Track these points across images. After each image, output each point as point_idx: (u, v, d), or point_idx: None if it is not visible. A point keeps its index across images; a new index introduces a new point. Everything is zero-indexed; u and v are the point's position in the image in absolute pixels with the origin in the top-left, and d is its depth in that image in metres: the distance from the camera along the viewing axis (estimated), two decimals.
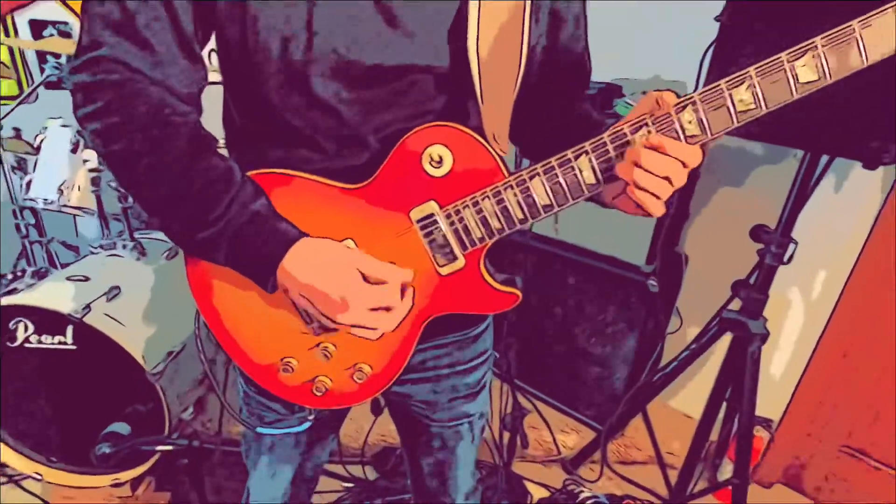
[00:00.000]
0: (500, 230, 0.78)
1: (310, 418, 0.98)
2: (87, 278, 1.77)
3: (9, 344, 1.63)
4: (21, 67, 2.64)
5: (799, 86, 0.66)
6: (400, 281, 0.78)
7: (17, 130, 2.33)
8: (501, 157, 0.78)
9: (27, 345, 1.63)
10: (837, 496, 1.99)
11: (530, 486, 1.97)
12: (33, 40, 2.50)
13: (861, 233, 1.77)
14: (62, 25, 2.50)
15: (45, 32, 2.51)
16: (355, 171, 0.79)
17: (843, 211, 1.79)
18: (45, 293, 1.68)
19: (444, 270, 0.81)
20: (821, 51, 0.64)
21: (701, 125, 0.69)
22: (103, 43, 0.69)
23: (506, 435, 1.96)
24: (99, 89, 0.70)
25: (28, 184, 2.04)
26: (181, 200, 0.73)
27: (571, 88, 0.95)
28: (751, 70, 0.67)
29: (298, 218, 0.78)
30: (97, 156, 1.87)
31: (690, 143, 0.70)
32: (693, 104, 0.68)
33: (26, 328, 1.63)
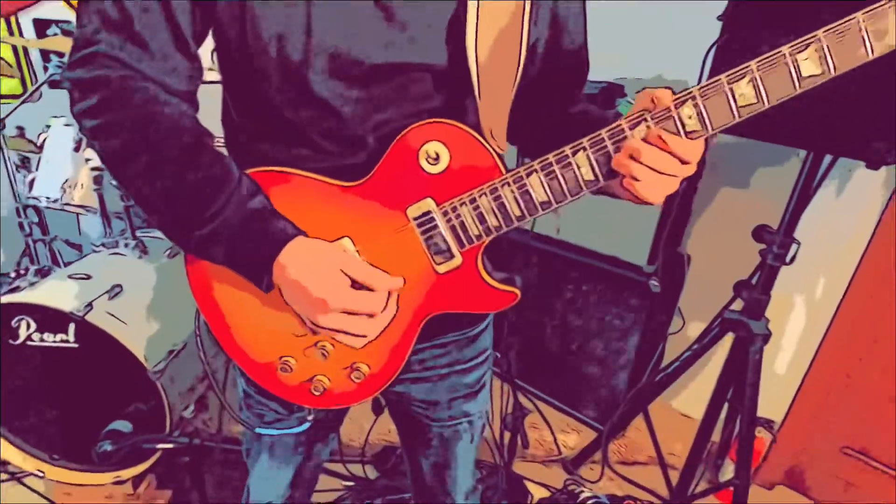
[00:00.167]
0: (498, 227, 0.78)
1: (309, 418, 0.98)
2: (89, 276, 1.77)
3: (11, 342, 1.64)
4: (25, 66, 2.65)
5: (802, 80, 0.65)
6: (387, 289, 0.77)
7: (21, 129, 2.35)
8: (499, 155, 0.78)
9: (29, 343, 1.64)
10: (839, 497, 1.97)
11: (531, 486, 1.96)
12: (37, 39, 2.51)
13: (864, 233, 1.76)
14: (66, 24, 2.50)
15: (49, 31, 2.52)
16: (354, 170, 0.79)
17: (846, 211, 1.78)
18: (48, 291, 1.69)
19: (442, 268, 0.80)
20: (824, 43, 0.63)
21: (701, 120, 0.68)
22: (99, 40, 0.69)
23: (506, 435, 1.95)
24: (94, 86, 0.70)
25: (31, 182, 2.05)
26: (177, 198, 0.73)
27: (569, 87, 0.94)
28: (752, 64, 0.65)
29: (296, 216, 0.78)
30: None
31: (691, 139, 0.69)
32: (693, 99, 0.68)
33: (28, 326, 1.63)
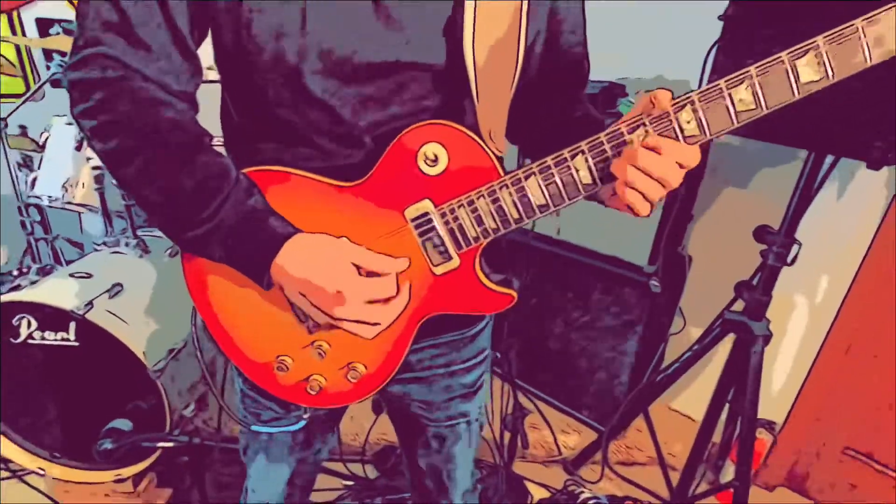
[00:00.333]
0: (496, 230, 0.78)
1: (305, 417, 0.98)
2: (90, 275, 1.78)
3: (12, 340, 1.64)
4: (28, 65, 2.65)
5: (801, 86, 0.65)
6: (396, 271, 0.78)
7: (23, 128, 2.35)
8: (497, 157, 0.77)
9: (30, 341, 1.65)
10: (841, 499, 1.97)
11: (531, 487, 1.96)
12: (40, 38, 2.51)
13: (866, 234, 1.76)
14: (68, 23, 2.51)
15: (52, 30, 2.53)
16: (351, 169, 0.79)
17: (848, 212, 1.77)
18: (48, 290, 1.70)
19: (439, 270, 0.80)
20: (823, 50, 0.63)
21: (700, 125, 0.68)
22: (99, 40, 0.70)
23: (506, 435, 1.95)
24: (94, 86, 0.70)
25: (33, 181, 2.05)
26: (175, 197, 0.73)
27: (569, 87, 0.94)
28: (751, 69, 0.65)
29: (294, 215, 0.78)
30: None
31: (689, 143, 0.69)
32: (692, 104, 0.67)
33: (29, 324, 1.64)
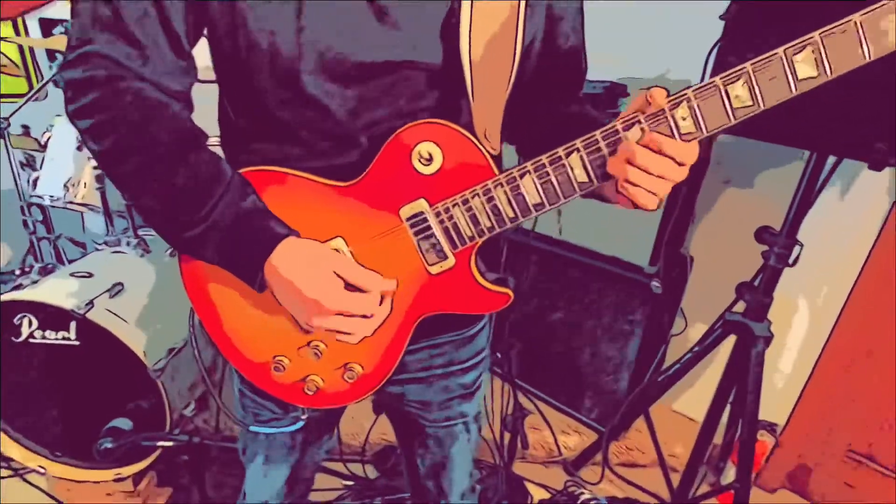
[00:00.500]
0: (491, 229, 0.77)
1: (303, 417, 0.98)
2: (91, 275, 1.78)
3: (13, 339, 1.65)
4: (31, 66, 2.67)
5: (798, 82, 0.64)
6: (380, 290, 0.78)
7: (26, 128, 2.36)
8: (492, 156, 0.77)
9: (31, 340, 1.65)
10: (842, 501, 1.96)
11: (531, 487, 1.96)
12: (43, 38, 2.52)
13: (868, 235, 1.75)
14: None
15: (55, 31, 2.53)
16: (347, 169, 0.79)
17: (850, 213, 1.76)
18: (49, 289, 1.70)
19: (434, 269, 0.80)
20: (820, 45, 0.62)
21: (696, 122, 0.68)
22: (93, 39, 0.70)
23: (506, 435, 1.95)
24: (88, 86, 0.70)
25: (35, 181, 2.06)
26: (169, 198, 0.73)
27: (567, 86, 0.94)
28: (747, 65, 0.65)
29: (290, 215, 0.78)
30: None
31: (685, 140, 0.68)
32: (687, 101, 0.67)
33: (30, 323, 1.64)
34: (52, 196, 2.04)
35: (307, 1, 0.70)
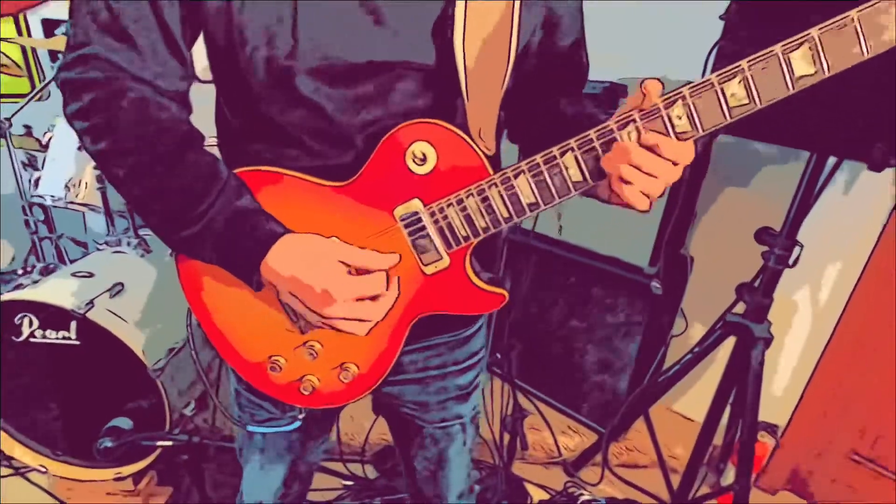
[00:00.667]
0: (486, 229, 0.77)
1: (299, 417, 0.98)
2: (92, 274, 1.79)
3: (14, 339, 1.65)
4: (33, 66, 2.68)
5: (795, 80, 0.63)
6: (384, 267, 0.78)
7: (28, 128, 2.37)
8: (487, 155, 0.77)
9: (32, 340, 1.66)
10: (843, 502, 1.95)
11: (530, 488, 1.96)
12: (45, 39, 2.53)
13: (869, 236, 1.74)
14: None
15: (57, 31, 2.54)
16: (342, 169, 0.79)
17: (851, 214, 1.75)
18: (50, 289, 1.71)
19: (429, 269, 0.80)
20: (817, 42, 0.61)
21: (691, 121, 0.67)
22: (90, 41, 0.70)
23: (506, 436, 1.95)
24: (85, 87, 0.71)
25: (36, 181, 2.07)
26: (165, 198, 0.73)
27: (568, 85, 0.94)
28: (743, 63, 0.64)
29: (285, 216, 0.78)
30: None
31: (681, 139, 0.68)
32: (682, 99, 0.66)
33: (31, 323, 1.65)
34: (54, 196, 2.04)
35: (301, 1, 0.70)
